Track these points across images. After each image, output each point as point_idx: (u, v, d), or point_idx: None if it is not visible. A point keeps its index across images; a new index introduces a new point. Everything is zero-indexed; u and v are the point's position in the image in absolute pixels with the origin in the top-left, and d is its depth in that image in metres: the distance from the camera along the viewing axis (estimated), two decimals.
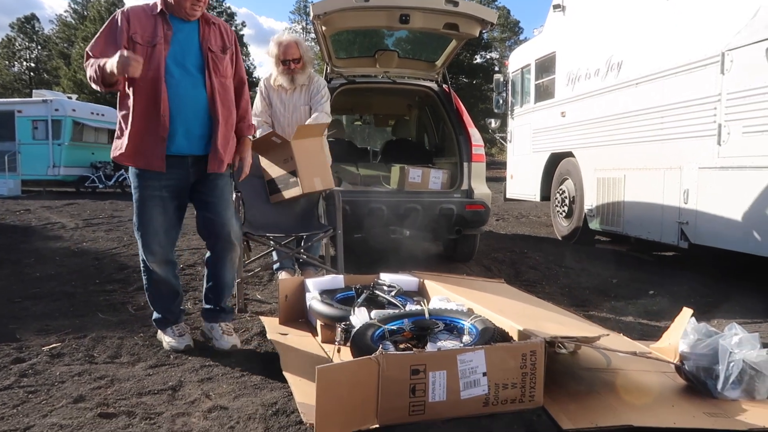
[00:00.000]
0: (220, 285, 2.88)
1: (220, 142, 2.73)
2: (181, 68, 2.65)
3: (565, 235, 7.00)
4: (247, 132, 2.96)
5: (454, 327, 2.52)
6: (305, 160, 3.57)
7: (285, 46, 3.96)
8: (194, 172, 2.77)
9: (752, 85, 4.01)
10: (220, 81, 2.72)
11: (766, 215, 3.91)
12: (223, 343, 2.78)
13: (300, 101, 4.10)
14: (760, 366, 2.15)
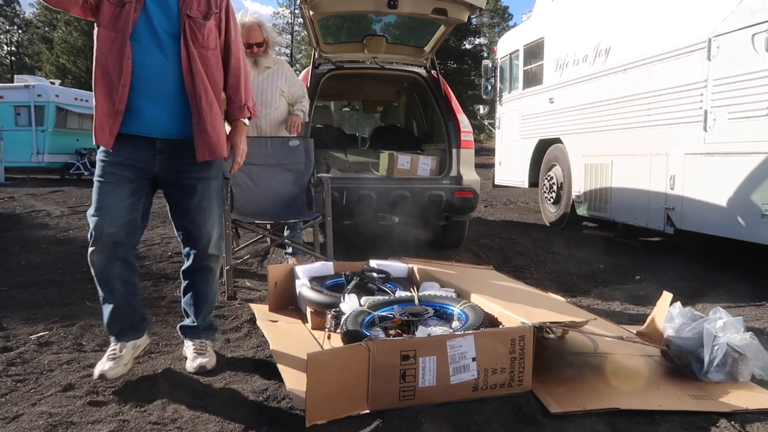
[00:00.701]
0: (198, 300, 2.49)
1: (209, 123, 2.30)
2: (153, 34, 2.24)
3: (553, 221, 7.04)
4: (239, 114, 2.48)
5: (443, 313, 2.54)
6: None
7: (247, 29, 3.85)
8: (163, 161, 2.32)
9: (738, 71, 4.04)
10: (200, 52, 2.29)
11: (750, 201, 3.96)
12: (189, 364, 2.37)
13: (267, 84, 4.02)
14: (743, 349, 2.19)
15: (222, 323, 3.02)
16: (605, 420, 1.92)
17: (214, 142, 2.33)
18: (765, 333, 2.95)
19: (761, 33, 3.83)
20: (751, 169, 3.95)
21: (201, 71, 2.29)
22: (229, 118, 2.49)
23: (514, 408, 1.98)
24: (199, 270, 2.48)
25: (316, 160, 4.21)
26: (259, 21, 3.91)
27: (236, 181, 3.95)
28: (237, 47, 2.47)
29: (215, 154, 2.35)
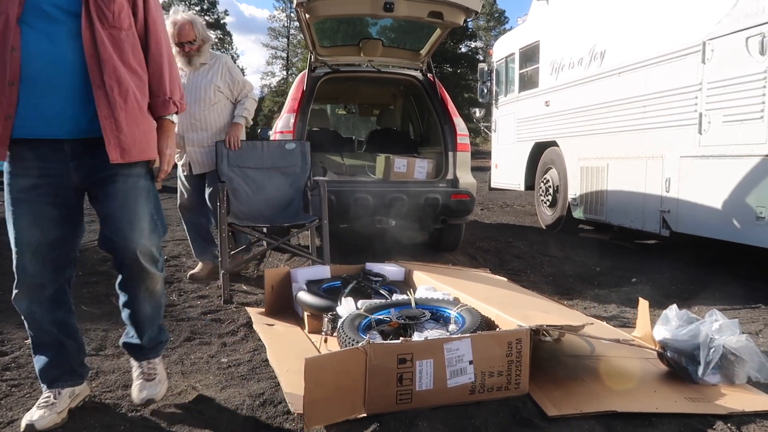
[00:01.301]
0: (136, 319, 2.12)
1: (122, 118, 1.86)
2: (44, 16, 1.79)
3: (549, 224, 7.05)
4: (163, 110, 2.04)
5: (440, 316, 2.54)
6: None
7: (179, 28, 3.73)
8: (80, 167, 1.91)
9: (733, 74, 4.06)
10: (110, 33, 1.85)
11: (745, 203, 3.97)
12: (135, 395, 2.06)
13: (201, 79, 3.88)
14: (739, 351, 2.19)
15: (218, 327, 3.01)
16: (602, 423, 1.92)
17: (129, 141, 1.89)
18: (761, 335, 2.96)
19: (755, 36, 3.85)
20: (745, 171, 3.96)
21: (112, 56, 1.85)
22: (154, 115, 2.05)
23: (511, 411, 1.98)
24: (131, 287, 2.07)
25: (312, 163, 4.21)
26: (191, 18, 3.80)
27: (232, 184, 3.95)
28: (158, 27, 2.03)
29: (130, 156, 1.90)
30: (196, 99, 3.85)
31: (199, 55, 3.84)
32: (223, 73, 3.93)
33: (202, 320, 3.13)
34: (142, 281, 2.05)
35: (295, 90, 4.92)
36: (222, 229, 3.60)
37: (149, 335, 2.15)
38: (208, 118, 3.93)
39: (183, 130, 3.87)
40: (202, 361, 2.53)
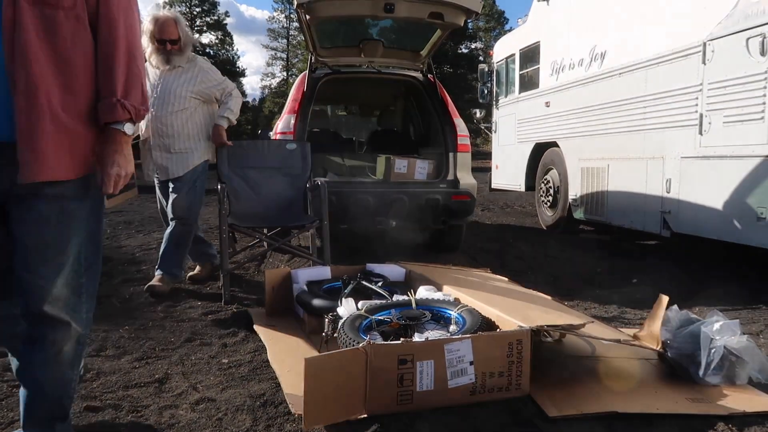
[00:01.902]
0: (32, 393, 1.61)
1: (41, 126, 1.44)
2: None
3: (550, 224, 7.05)
4: (109, 115, 1.54)
5: (441, 317, 2.54)
6: None
7: (161, 24, 3.55)
8: None
9: (733, 75, 4.06)
10: (40, 12, 1.44)
11: (746, 204, 3.97)
12: None
13: (172, 81, 3.66)
14: (740, 352, 2.19)
15: (219, 328, 3.02)
16: (603, 423, 1.92)
17: (47, 154, 1.45)
18: (762, 336, 2.95)
19: (756, 37, 3.85)
20: (746, 172, 3.96)
21: (33, 43, 1.43)
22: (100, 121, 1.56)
23: (512, 412, 1.98)
24: (30, 342, 1.58)
25: (312, 164, 4.21)
26: (174, 16, 3.63)
27: (232, 185, 3.95)
28: (115, 10, 1.55)
29: (46, 173, 1.46)
30: (164, 102, 3.65)
31: (180, 56, 3.65)
32: (200, 79, 3.73)
33: (203, 321, 3.13)
34: (47, 335, 1.56)
35: (296, 91, 4.92)
36: (222, 230, 3.60)
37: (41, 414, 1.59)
38: (174, 123, 3.68)
39: (148, 133, 3.69)
40: (202, 361, 2.53)
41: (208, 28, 48.54)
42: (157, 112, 3.63)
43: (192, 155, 3.74)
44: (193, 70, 3.73)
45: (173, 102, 3.65)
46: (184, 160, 3.73)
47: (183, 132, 3.71)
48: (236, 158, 4.03)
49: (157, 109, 3.63)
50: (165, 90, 3.65)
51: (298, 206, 4.07)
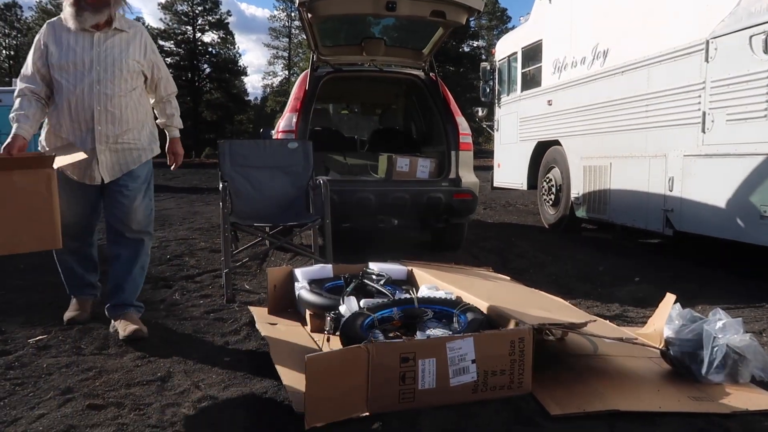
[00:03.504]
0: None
1: None
2: None
3: (552, 223, 7.04)
4: None
5: (443, 315, 2.54)
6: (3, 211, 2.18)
7: None
8: None
9: (736, 72, 4.04)
10: None
11: (749, 202, 3.96)
12: None
13: (117, 52, 2.76)
14: (743, 350, 2.18)
15: (221, 326, 3.02)
16: (605, 422, 1.91)
17: None
18: (764, 334, 2.95)
19: (759, 35, 3.83)
20: (749, 170, 3.95)
21: None
22: None
23: (514, 410, 1.98)
24: None
25: (314, 163, 4.21)
26: None
27: (234, 184, 3.95)
28: None
29: None
30: (110, 77, 2.73)
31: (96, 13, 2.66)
32: (147, 50, 2.88)
33: (205, 319, 3.14)
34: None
35: (298, 89, 4.92)
36: (225, 229, 3.60)
37: None
38: (129, 105, 2.81)
39: (85, 119, 2.72)
40: (205, 360, 2.52)
41: (210, 27, 48.56)
42: (103, 90, 2.72)
43: (145, 150, 2.94)
44: (140, 37, 2.86)
45: (122, 77, 2.77)
46: (137, 155, 2.90)
47: (134, 119, 2.85)
48: (238, 157, 4.03)
49: (104, 85, 2.72)
50: (107, 60, 2.73)
51: (300, 205, 4.07)
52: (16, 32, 47.68)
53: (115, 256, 2.92)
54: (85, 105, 2.71)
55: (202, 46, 48.70)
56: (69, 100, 2.70)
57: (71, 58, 2.70)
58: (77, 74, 2.70)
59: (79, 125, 2.73)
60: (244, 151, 4.07)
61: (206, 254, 4.86)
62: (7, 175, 2.21)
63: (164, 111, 3.08)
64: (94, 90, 2.70)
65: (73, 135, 2.75)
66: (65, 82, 2.69)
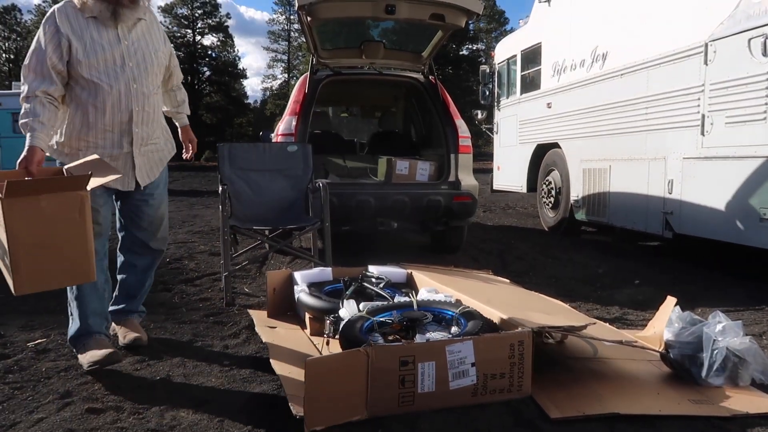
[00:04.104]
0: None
1: None
2: None
3: (552, 225, 7.04)
4: None
5: (442, 318, 2.53)
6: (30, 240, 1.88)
7: None
8: None
9: (735, 75, 4.05)
10: None
11: (748, 205, 3.96)
12: None
13: (144, 44, 2.53)
14: (743, 353, 2.18)
15: (220, 330, 3.01)
16: (605, 425, 1.91)
17: None
18: (765, 337, 2.94)
19: (758, 38, 3.84)
20: (749, 173, 3.95)
21: None
22: None
23: (514, 413, 1.97)
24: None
25: (314, 166, 4.21)
26: None
27: (234, 187, 3.95)
28: None
29: None
30: (144, 73, 2.52)
31: (134, 8, 2.45)
32: (164, 37, 2.69)
33: (204, 323, 3.13)
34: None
35: (297, 93, 4.93)
36: (224, 232, 3.60)
37: None
38: (158, 103, 2.67)
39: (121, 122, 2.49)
40: (204, 363, 2.52)
41: (209, 30, 48.64)
42: (141, 89, 2.50)
43: (163, 150, 2.75)
44: (155, 24, 2.63)
45: (155, 71, 2.59)
46: (162, 157, 2.73)
47: (157, 116, 2.66)
48: (238, 160, 4.03)
49: (140, 83, 2.50)
50: (138, 55, 2.51)
51: (299, 208, 4.07)
52: (16, 35, 47.74)
53: (130, 265, 2.79)
54: (122, 106, 2.46)
55: (201, 49, 48.81)
56: (104, 102, 2.42)
57: (100, 54, 2.40)
58: (109, 72, 2.43)
59: (113, 128, 2.48)
60: (244, 154, 4.07)
61: (206, 257, 4.86)
62: (33, 200, 1.86)
63: (176, 98, 2.91)
64: (131, 89, 2.47)
65: (104, 139, 2.48)
66: (98, 81, 2.40)
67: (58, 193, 1.92)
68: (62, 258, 1.95)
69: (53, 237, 1.92)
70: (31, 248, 1.87)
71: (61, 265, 1.96)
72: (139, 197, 2.66)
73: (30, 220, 1.86)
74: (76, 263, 1.97)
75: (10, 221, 1.82)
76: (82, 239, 1.96)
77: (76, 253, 1.96)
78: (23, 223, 1.85)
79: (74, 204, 1.94)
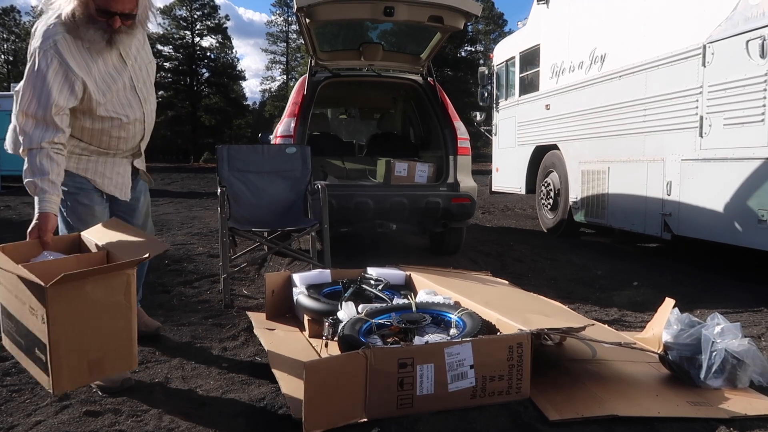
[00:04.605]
0: None
1: None
2: None
3: (551, 227, 7.05)
4: None
5: (441, 320, 2.53)
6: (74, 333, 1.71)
7: None
8: None
9: (733, 77, 4.06)
10: None
11: (747, 206, 3.97)
12: None
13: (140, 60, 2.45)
14: (741, 355, 2.18)
15: (219, 332, 3.01)
16: (604, 427, 1.91)
17: None
18: (763, 339, 2.94)
19: (755, 39, 3.85)
20: (747, 174, 3.96)
21: None
22: None
23: (512, 415, 1.97)
24: None
25: (313, 168, 4.21)
26: None
27: (233, 189, 3.95)
28: None
29: None
30: (149, 89, 2.54)
31: (131, 33, 2.27)
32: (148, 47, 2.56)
33: (203, 325, 3.13)
34: None
35: (296, 94, 4.93)
36: (223, 234, 3.60)
37: None
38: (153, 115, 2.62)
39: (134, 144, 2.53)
40: (202, 365, 2.52)
41: (208, 32, 48.66)
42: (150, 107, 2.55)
43: None
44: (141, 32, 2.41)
45: (153, 85, 2.60)
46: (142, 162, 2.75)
47: None
48: (236, 162, 4.03)
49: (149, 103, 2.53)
50: (144, 72, 2.49)
51: (298, 209, 4.07)
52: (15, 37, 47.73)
53: None
54: (137, 130, 2.47)
55: (200, 51, 48.81)
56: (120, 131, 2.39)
57: (113, 87, 2.30)
58: (123, 102, 2.37)
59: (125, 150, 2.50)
60: (243, 155, 4.07)
61: (204, 259, 4.86)
62: (78, 287, 1.68)
63: None
64: (144, 112, 2.47)
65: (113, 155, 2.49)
66: (115, 115, 2.34)
67: (104, 275, 1.74)
68: (105, 348, 1.77)
69: (97, 326, 1.74)
70: (73, 342, 1.68)
71: (104, 354, 1.78)
72: (133, 197, 2.69)
73: (74, 309, 1.68)
74: (119, 351, 1.79)
75: (53, 313, 1.62)
76: (128, 325, 1.80)
77: (120, 341, 1.79)
78: (67, 314, 1.66)
79: (120, 286, 1.78)
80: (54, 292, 1.60)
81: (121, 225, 2.11)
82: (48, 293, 1.59)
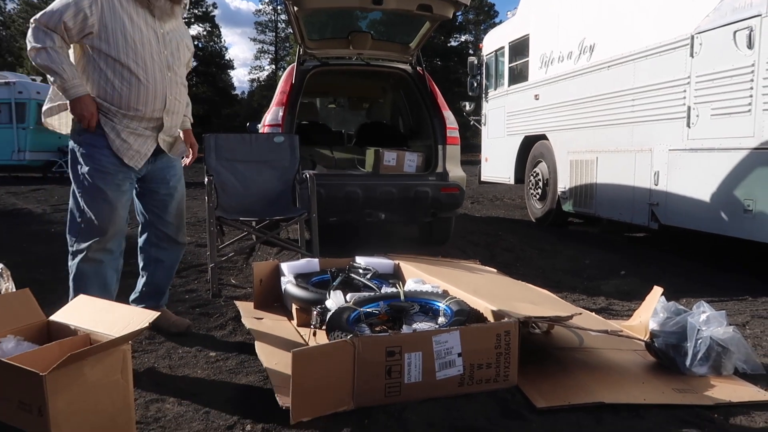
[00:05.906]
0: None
1: None
2: None
3: (539, 217, 7.07)
4: None
5: (429, 309, 2.54)
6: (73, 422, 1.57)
7: None
8: None
9: (720, 68, 4.07)
10: None
11: (733, 196, 4.00)
12: None
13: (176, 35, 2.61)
14: (726, 342, 2.21)
15: (207, 321, 2.99)
16: (591, 414, 1.92)
17: None
18: (748, 327, 2.98)
19: (743, 30, 3.86)
20: (733, 164, 3.99)
21: None
22: None
23: (500, 403, 1.98)
24: None
25: (301, 157, 4.19)
26: None
27: (220, 178, 3.92)
28: None
29: None
30: (178, 63, 2.64)
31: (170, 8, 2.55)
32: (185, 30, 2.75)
33: (191, 314, 3.11)
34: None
35: (284, 83, 4.89)
36: (211, 223, 3.57)
37: None
38: (185, 98, 2.75)
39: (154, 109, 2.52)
40: (190, 354, 2.51)
41: (195, 20, 48.12)
42: (175, 77, 2.60)
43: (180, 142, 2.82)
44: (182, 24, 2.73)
45: (184, 65, 2.72)
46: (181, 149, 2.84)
47: (182, 108, 2.73)
48: (224, 151, 4.00)
49: (174, 72, 2.58)
50: (175, 45, 2.59)
51: (286, 199, 4.05)
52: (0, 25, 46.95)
53: (156, 260, 2.77)
54: (158, 92, 2.49)
55: None
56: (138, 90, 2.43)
57: (137, 36, 2.41)
58: (146, 59, 2.44)
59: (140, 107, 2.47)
60: (230, 145, 4.04)
61: (192, 249, 4.83)
62: (76, 369, 1.57)
63: None
64: (165, 76, 2.51)
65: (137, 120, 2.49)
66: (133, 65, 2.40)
67: (101, 354, 1.64)
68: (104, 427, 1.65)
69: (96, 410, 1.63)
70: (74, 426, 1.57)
71: None
72: (165, 192, 2.73)
73: (74, 396, 1.57)
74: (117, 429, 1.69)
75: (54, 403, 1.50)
76: (126, 403, 1.72)
77: (119, 419, 1.70)
78: (67, 402, 1.54)
79: (117, 363, 1.69)
80: (53, 379, 1.49)
81: (91, 302, 2.02)
82: (47, 382, 1.48)
